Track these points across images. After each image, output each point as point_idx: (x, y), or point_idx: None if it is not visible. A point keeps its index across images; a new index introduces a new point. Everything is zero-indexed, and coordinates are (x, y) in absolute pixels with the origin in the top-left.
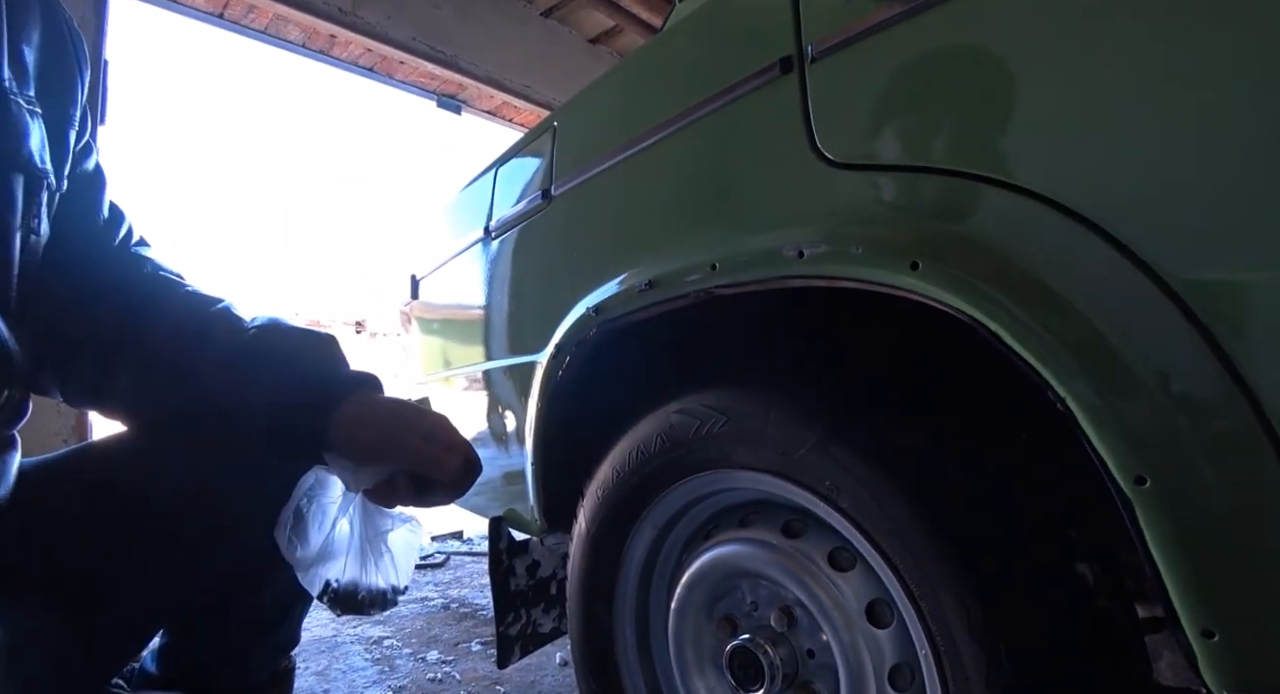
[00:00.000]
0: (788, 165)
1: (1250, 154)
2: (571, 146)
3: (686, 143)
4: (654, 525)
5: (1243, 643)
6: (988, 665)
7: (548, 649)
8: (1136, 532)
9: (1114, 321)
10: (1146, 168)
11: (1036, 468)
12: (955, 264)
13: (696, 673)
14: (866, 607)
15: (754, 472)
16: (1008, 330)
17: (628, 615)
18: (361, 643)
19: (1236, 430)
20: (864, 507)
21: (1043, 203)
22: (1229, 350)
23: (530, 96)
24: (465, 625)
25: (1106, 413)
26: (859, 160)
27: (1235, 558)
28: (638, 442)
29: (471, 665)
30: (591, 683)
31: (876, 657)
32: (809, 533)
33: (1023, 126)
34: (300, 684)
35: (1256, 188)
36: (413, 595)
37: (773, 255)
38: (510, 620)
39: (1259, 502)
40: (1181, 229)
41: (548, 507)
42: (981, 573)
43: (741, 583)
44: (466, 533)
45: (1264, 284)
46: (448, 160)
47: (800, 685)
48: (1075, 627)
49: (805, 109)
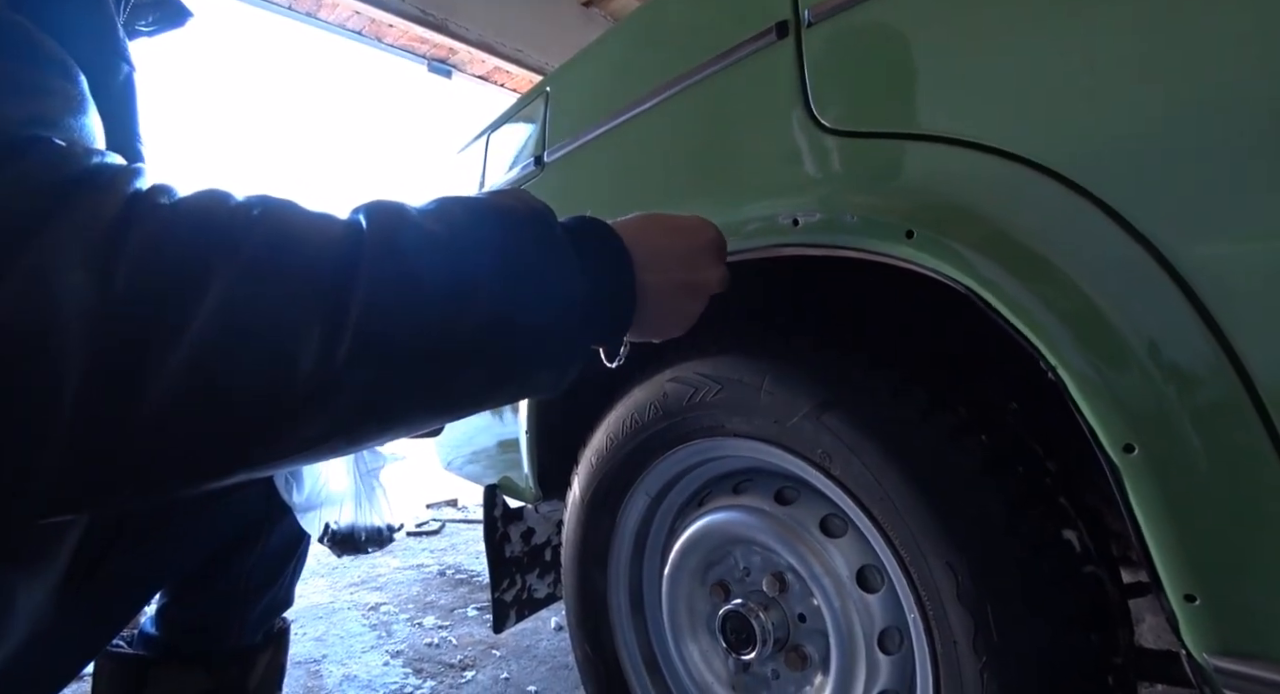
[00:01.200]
0: (784, 132)
1: (1246, 126)
2: (565, 112)
3: (681, 109)
4: (648, 493)
5: (1222, 607)
6: (975, 630)
7: (543, 614)
8: (1123, 499)
9: (1108, 292)
10: (1144, 138)
11: (1027, 437)
12: (951, 233)
13: (690, 637)
14: (857, 572)
15: (748, 440)
16: (1001, 300)
17: (622, 581)
18: (358, 609)
19: (1224, 400)
20: (856, 474)
21: (1041, 172)
22: (1220, 321)
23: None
24: (461, 592)
25: (1097, 382)
26: (856, 127)
27: (1218, 525)
28: (632, 409)
29: (468, 630)
30: (586, 647)
31: (866, 621)
32: (801, 500)
33: (1022, 94)
34: (298, 649)
35: (1252, 159)
36: (408, 562)
37: (768, 224)
38: (505, 586)
39: (1243, 470)
40: (1178, 200)
41: (542, 474)
42: (970, 540)
43: (734, 549)
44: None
45: (1256, 255)
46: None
47: (791, 649)
48: (1061, 592)
49: (801, 75)
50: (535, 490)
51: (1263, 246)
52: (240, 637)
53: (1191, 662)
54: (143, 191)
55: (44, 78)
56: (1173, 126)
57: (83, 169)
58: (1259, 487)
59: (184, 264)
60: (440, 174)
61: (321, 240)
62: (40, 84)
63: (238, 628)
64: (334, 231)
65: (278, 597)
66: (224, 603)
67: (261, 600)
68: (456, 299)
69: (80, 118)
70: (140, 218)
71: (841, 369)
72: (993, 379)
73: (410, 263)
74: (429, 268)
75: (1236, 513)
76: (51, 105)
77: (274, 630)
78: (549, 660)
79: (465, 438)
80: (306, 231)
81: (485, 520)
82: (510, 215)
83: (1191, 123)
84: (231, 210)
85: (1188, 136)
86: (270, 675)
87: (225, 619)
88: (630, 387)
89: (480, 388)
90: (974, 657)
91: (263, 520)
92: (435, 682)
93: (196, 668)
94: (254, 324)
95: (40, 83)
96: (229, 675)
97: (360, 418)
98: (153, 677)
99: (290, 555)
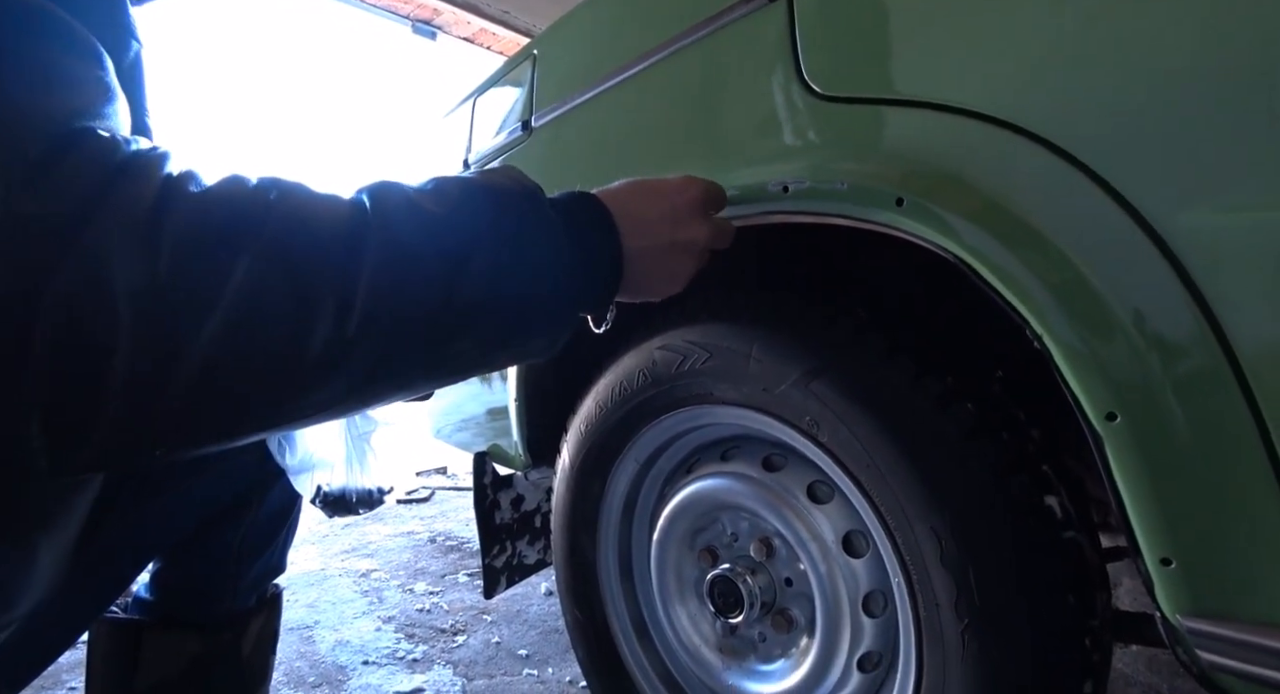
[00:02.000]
0: (774, 97)
1: (1235, 96)
2: (552, 76)
3: (671, 73)
4: (636, 460)
5: (1197, 571)
6: (957, 593)
7: (533, 580)
8: (1104, 466)
9: (1095, 262)
10: (1134, 107)
11: (1011, 404)
12: (940, 201)
13: (678, 601)
14: (843, 537)
15: (736, 407)
16: (989, 268)
17: (611, 547)
18: (349, 575)
19: (1206, 371)
20: (843, 441)
21: (1032, 140)
22: (1205, 292)
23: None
24: (451, 558)
25: (1083, 352)
26: (847, 93)
27: (1195, 491)
28: (621, 377)
29: (459, 596)
30: (576, 612)
31: (851, 585)
32: (788, 467)
33: (1014, 61)
34: (291, 615)
35: (1241, 130)
36: (399, 529)
37: (757, 191)
38: (496, 552)
39: (1221, 438)
40: (1167, 171)
41: (532, 442)
42: (954, 506)
43: (722, 515)
44: (451, 468)
45: (1243, 227)
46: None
47: (778, 612)
48: (1042, 557)
49: (793, 38)
50: (525, 458)
51: (1249, 218)
52: (234, 602)
53: (1165, 623)
54: (174, 177)
55: (80, 67)
56: (1162, 96)
57: (123, 158)
58: (1236, 456)
59: (216, 245)
60: (426, 139)
61: (331, 220)
62: (78, 74)
63: (231, 593)
64: (341, 213)
65: (270, 562)
66: (218, 568)
67: (255, 566)
68: (453, 273)
69: (113, 104)
70: (175, 204)
71: (829, 337)
72: (979, 347)
73: (410, 241)
74: (428, 245)
75: (1213, 481)
76: (91, 95)
77: (267, 596)
78: (539, 625)
79: (455, 406)
80: (317, 213)
81: (475, 488)
82: (502, 193)
83: (1181, 92)
84: (251, 194)
85: (1177, 106)
86: (264, 640)
87: (219, 584)
88: (620, 354)
89: (477, 354)
90: (956, 619)
91: (255, 487)
92: (427, 646)
93: (190, 633)
94: (275, 298)
95: (78, 73)
96: (223, 640)
97: (369, 381)
98: (147, 641)
99: (283, 521)
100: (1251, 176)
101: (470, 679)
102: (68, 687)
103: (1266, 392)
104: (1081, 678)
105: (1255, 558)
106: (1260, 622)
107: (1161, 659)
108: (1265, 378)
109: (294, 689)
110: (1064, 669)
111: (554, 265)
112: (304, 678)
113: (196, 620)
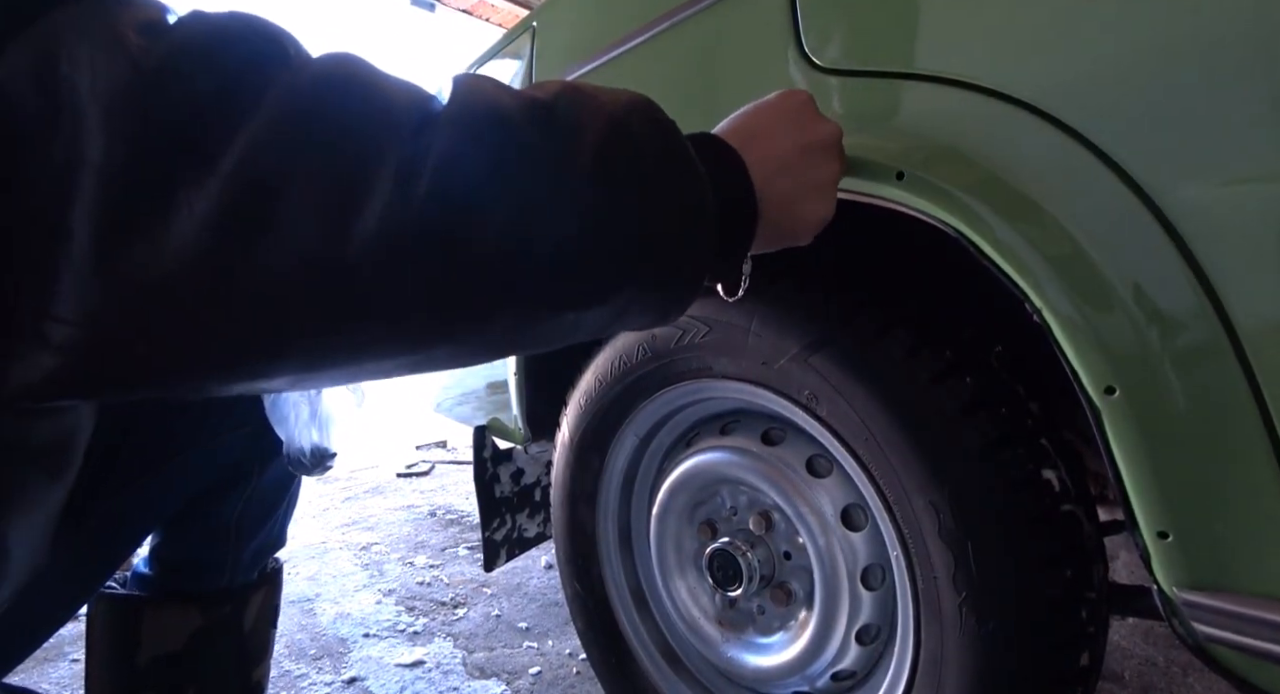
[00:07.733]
0: (775, 70)
1: (1233, 70)
2: (552, 49)
3: (671, 46)
4: (636, 434)
5: (1193, 544)
6: (955, 566)
7: (533, 553)
8: (1102, 439)
9: (1095, 235)
10: (1134, 80)
11: (1010, 378)
12: (941, 175)
13: (678, 574)
14: (841, 511)
15: (735, 381)
16: (989, 242)
17: (611, 520)
18: (350, 549)
19: (1205, 344)
20: (842, 415)
21: (1032, 113)
22: (1204, 265)
23: None
24: (451, 531)
25: (1082, 325)
26: (847, 66)
27: (1192, 465)
28: (620, 351)
29: (459, 569)
30: (576, 584)
31: (850, 558)
32: (788, 441)
33: (1014, 33)
34: (291, 588)
35: (1240, 104)
36: (399, 503)
37: None
38: (495, 526)
39: (1218, 411)
40: (1166, 144)
41: (531, 415)
42: (952, 479)
43: (721, 489)
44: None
45: (1242, 201)
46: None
47: (777, 585)
48: (1040, 530)
49: (794, 10)
50: (525, 431)
51: (1249, 192)
52: (234, 576)
53: (1161, 596)
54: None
55: None
56: (1162, 68)
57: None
58: (1234, 429)
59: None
60: None
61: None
62: None
63: (231, 567)
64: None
65: (270, 536)
66: (217, 542)
67: (254, 539)
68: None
69: None
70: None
71: (828, 311)
72: (978, 321)
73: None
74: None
75: (1210, 454)
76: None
77: (267, 569)
78: (539, 598)
79: (455, 380)
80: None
81: (475, 461)
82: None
83: (1182, 64)
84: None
85: (1176, 79)
86: (264, 614)
87: (219, 558)
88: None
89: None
90: (954, 592)
91: (254, 460)
92: (428, 619)
93: (190, 607)
94: (314, 141)
95: None
96: (223, 614)
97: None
98: (147, 616)
99: (282, 495)
100: (1251, 150)
101: (471, 652)
102: (70, 658)
103: (1265, 366)
104: (1078, 650)
105: (1252, 532)
106: (1256, 594)
107: (1158, 632)
108: (1264, 352)
109: (295, 661)
110: (1061, 642)
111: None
112: (305, 650)
113: (196, 594)
